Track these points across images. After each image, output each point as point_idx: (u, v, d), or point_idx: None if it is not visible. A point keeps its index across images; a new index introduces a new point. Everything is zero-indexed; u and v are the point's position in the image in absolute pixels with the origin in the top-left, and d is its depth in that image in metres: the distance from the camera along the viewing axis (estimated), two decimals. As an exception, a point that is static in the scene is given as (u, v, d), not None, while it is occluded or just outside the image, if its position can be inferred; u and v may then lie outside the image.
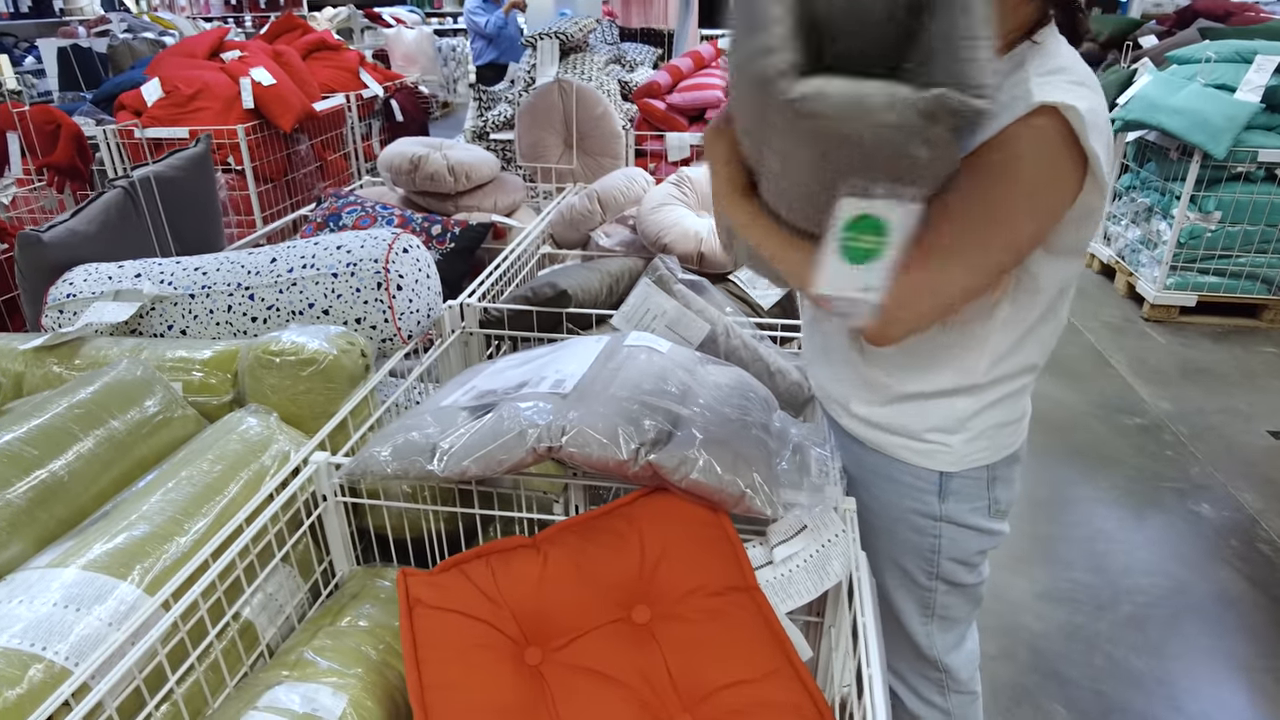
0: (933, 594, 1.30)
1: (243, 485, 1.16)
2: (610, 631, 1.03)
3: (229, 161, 3.42)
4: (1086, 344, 3.84)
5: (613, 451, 1.08)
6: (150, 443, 1.22)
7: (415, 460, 1.12)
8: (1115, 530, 2.56)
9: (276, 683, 1.01)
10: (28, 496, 1.04)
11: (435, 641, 1.00)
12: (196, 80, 3.46)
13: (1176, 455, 2.96)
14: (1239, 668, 2.06)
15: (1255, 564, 2.42)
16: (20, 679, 0.83)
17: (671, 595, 1.04)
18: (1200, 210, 3.84)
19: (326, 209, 2.36)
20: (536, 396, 1.19)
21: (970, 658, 1.40)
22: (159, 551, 1.02)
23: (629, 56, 4.48)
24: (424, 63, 8.40)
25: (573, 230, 2.42)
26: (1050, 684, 2.00)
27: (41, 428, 1.11)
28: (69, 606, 0.91)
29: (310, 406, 1.35)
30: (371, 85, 4.52)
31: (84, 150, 3.08)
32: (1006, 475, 1.23)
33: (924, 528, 1.24)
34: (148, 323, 1.55)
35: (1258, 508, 2.67)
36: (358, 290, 1.53)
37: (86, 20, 8.21)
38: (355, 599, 1.21)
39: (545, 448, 1.09)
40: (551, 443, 1.09)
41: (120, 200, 1.84)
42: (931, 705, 1.41)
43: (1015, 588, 2.32)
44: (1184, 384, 3.47)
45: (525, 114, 2.88)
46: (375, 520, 1.34)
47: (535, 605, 1.04)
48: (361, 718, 0.99)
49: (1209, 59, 3.86)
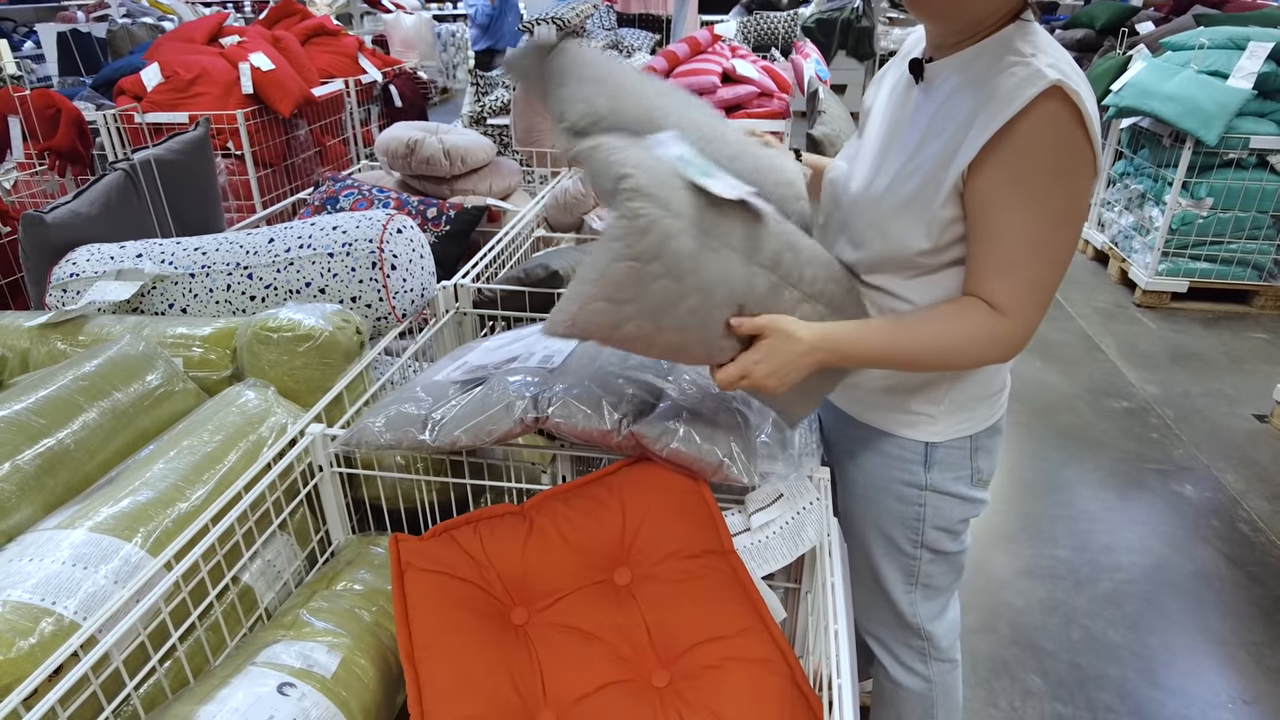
0: (917, 562, 1.34)
1: (241, 455, 1.21)
2: (592, 592, 1.08)
3: (228, 146, 3.45)
4: (1078, 329, 3.88)
5: (596, 422, 1.13)
6: (152, 414, 1.27)
7: (408, 431, 1.17)
8: (1099, 510, 2.61)
9: (274, 641, 1.06)
10: (36, 463, 1.08)
11: (425, 601, 1.05)
12: (195, 65, 3.49)
13: (1161, 438, 3.01)
14: (1214, 641, 2.11)
15: (1234, 543, 2.47)
16: (32, 630, 0.88)
17: (651, 558, 1.09)
18: (1192, 197, 3.87)
19: (324, 192, 2.40)
20: (525, 370, 1.23)
21: (951, 627, 1.45)
22: (161, 515, 1.07)
23: (626, 42, 4.50)
24: (422, 48, 8.39)
25: (566, 214, 2.46)
26: (1029, 656, 2.06)
27: (48, 399, 1.16)
28: (77, 565, 0.96)
29: (306, 381, 1.39)
30: (370, 71, 4.54)
31: (84, 134, 3.11)
32: (988, 445, 1.28)
33: (909, 497, 1.28)
34: (149, 301, 1.60)
35: (1239, 488, 2.72)
36: (353, 270, 1.57)
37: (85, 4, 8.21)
38: (350, 565, 1.26)
39: (532, 418, 1.14)
40: (538, 414, 1.14)
41: (121, 182, 1.88)
42: (913, 672, 1.46)
43: (999, 564, 2.37)
44: (1172, 368, 3.51)
45: (521, 99, 2.91)
46: (370, 491, 1.38)
47: (521, 568, 1.09)
48: (354, 674, 1.04)
49: (1202, 45, 3.88)
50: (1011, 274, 1.04)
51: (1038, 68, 0.96)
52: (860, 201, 1.16)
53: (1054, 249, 1.03)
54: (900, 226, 1.10)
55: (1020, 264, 1.03)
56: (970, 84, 1.03)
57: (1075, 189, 1.01)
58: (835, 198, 1.24)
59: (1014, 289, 1.04)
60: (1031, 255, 1.03)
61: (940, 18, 1.08)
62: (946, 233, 1.07)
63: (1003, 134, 0.98)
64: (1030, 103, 0.96)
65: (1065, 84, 0.95)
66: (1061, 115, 0.97)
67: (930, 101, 1.10)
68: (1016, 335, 1.06)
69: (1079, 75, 1.00)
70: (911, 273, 1.13)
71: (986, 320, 1.05)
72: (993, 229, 1.04)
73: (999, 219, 1.03)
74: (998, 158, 0.99)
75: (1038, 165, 0.99)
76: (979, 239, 1.05)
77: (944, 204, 1.05)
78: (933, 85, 1.10)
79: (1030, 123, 0.97)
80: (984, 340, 1.06)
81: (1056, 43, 1.04)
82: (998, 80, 0.99)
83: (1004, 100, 0.97)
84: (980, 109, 0.99)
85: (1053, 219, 1.02)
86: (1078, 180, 1.00)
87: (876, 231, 1.13)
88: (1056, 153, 0.98)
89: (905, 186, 1.09)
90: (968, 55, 1.06)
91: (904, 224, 1.09)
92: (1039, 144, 0.98)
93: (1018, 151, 0.98)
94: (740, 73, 3.45)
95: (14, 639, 0.87)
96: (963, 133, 1.02)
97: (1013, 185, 1.00)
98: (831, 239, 1.25)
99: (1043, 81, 0.95)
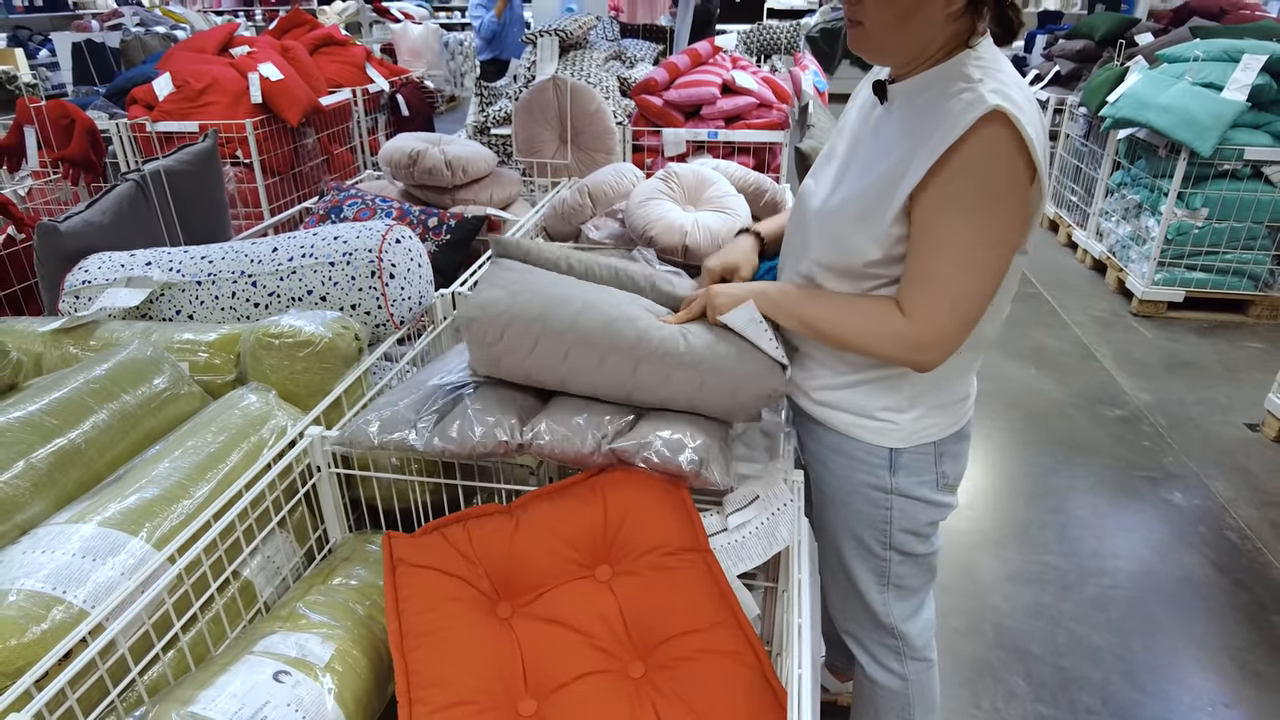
0: (887, 563, 1.39)
1: (243, 455, 1.27)
2: (574, 587, 1.13)
3: (237, 155, 3.53)
4: (1073, 337, 3.92)
5: (575, 445, 1.19)
6: (159, 416, 1.33)
7: (399, 433, 1.22)
8: (1088, 516, 2.65)
9: (271, 632, 1.11)
10: (48, 461, 1.14)
11: (415, 595, 1.11)
12: (206, 75, 3.57)
13: (1153, 445, 3.04)
14: (1197, 646, 2.15)
15: (1221, 549, 2.50)
16: (44, 617, 0.94)
17: (631, 555, 1.14)
18: (1188, 207, 3.91)
19: (328, 202, 2.47)
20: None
21: (926, 626, 1.49)
22: (166, 512, 1.13)
23: (629, 53, 4.56)
24: (429, 57, 8.50)
25: (564, 223, 2.51)
26: (1013, 659, 2.10)
27: (61, 400, 1.22)
28: (86, 557, 1.02)
29: (307, 385, 1.45)
30: (378, 80, 4.62)
31: (97, 143, 3.19)
32: (954, 450, 1.32)
33: (877, 500, 1.33)
34: (157, 308, 1.66)
35: (1228, 496, 2.75)
36: (353, 278, 1.63)
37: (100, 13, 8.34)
38: (346, 561, 1.32)
39: (516, 445, 1.20)
40: (521, 440, 1.20)
41: (132, 192, 1.95)
42: (890, 671, 1.50)
43: (986, 569, 2.41)
44: (1166, 377, 3.55)
45: (521, 110, 2.97)
46: (366, 491, 1.44)
47: (507, 564, 1.15)
48: (347, 664, 1.10)
49: (1197, 58, 3.92)
50: (929, 284, 1.10)
51: (981, 93, 1.02)
52: (820, 214, 1.22)
53: (983, 265, 1.09)
54: (855, 239, 1.15)
55: (940, 276, 1.09)
56: (921, 108, 1.09)
57: (1008, 209, 1.06)
58: (800, 211, 1.30)
59: (926, 297, 1.11)
60: (955, 269, 1.08)
61: (879, 58, 1.16)
62: (896, 247, 1.13)
63: (945, 157, 1.03)
64: (971, 127, 1.01)
65: (1006, 108, 1.01)
66: (1000, 138, 1.02)
67: (889, 121, 1.15)
68: (921, 339, 1.12)
69: (1026, 99, 1.05)
70: (865, 282, 1.19)
71: (891, 320, 1.13)
72: (923, 244, 1.10)
73: (930, 234, 1.09)
74: (939, 179, 1.05)
75: (973, 185, 1.04)
76: (911, 251, 1.12)
77: (894, 222, 1.11)
78: (893, 106, 1.16)
79: (970, 145, 1.02)
80: (886, 337, 1.14)
81: (1009, 65, 1.09)
82: (946, 105, 1.04)
83: (948, 127, 1.03)
84: (928, 134, 1.05)
85: (984, 237, 1.07)
86: (1013, 199, 1.06)
87: (832, 243, 1.19)
88: (992, 174, 1.04)
89: (860, 203, 1.14)
90: (920, 81, 1.12)
91: (858, 237, 1.15)
92: (976, 165, 1.03)
93: (956, 171, 1.04)
94: (740, 84, 3.51)
95: (27, 625, 0.92)
96: (910, 156, 1.07)
97: (948, 203, 1.06)
98: (795, 249, 1.30)
99: (983, 106, 1.01)
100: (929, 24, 1.07)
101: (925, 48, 1.10)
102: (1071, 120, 5.18)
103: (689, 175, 2.36)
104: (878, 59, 1.16)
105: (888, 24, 1.08)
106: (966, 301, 1.10)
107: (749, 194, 2.38)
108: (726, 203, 2.24)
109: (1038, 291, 4.48)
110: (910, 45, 1.10)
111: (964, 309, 1.10)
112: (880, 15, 1.07)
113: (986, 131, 1.01)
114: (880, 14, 1.07)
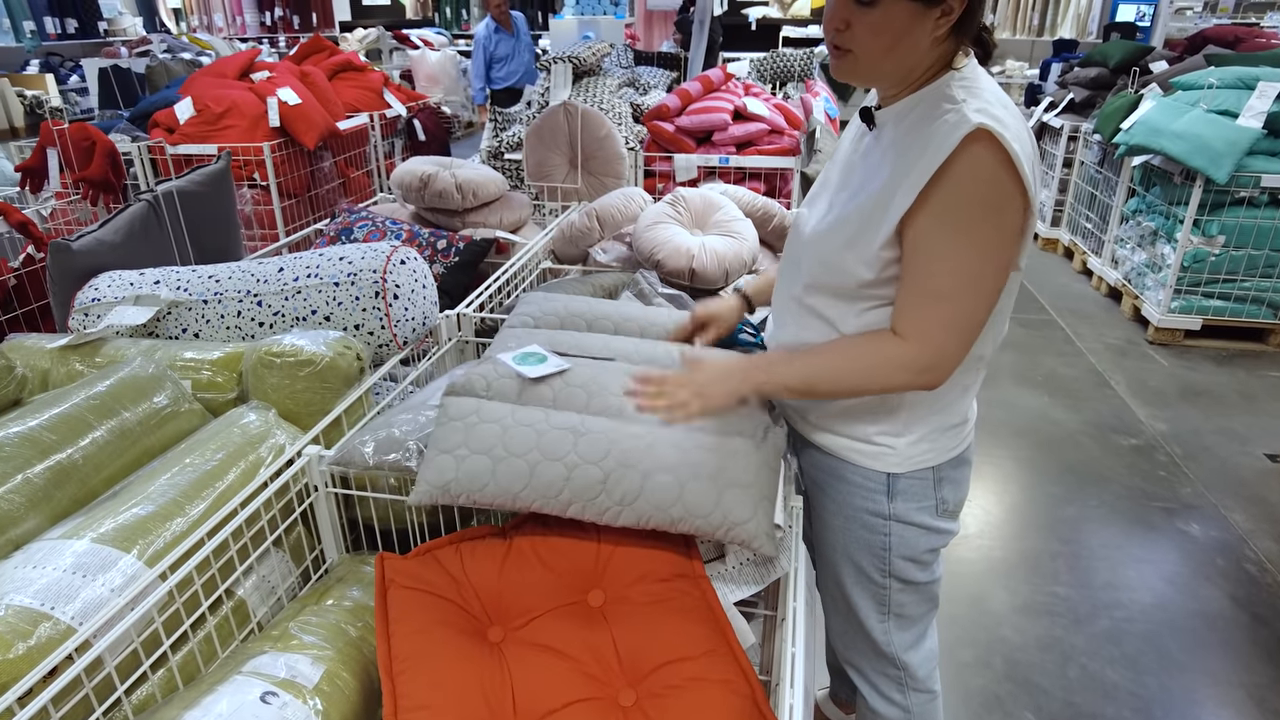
0: (887, 591, 1.37)
1: (240, 473, 1.27)
2: (565, 612, 1.11)
3: (255, 177, 3.59)
4: (1087, 365, 3.87)
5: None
6: (158, 433, 1.34)
7: (394, 455, 1.22)
8: (1100, 547, 2.60)
9: (262, 652, 1.10)
10: (45, 477, 1.15)
11: (405, 617, 1.10)
12: (226, 99, 3.64)
13: (1169, 475, 2.99)
14: (1215, 682, 2.09)
15: (1239, 583, 2.45)
16: (31, 633, 0.94)
17: (623, 580, 1.13)
18: (1204, 234, 3.87)
19: (339, 223, 2.49)
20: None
21: (929, 657, 1.46)
22: (160, 529, 1.13)
23: (643, 79, 4.60)
24: (446, 83, 8.62)
25: (572, 246, 2.53)
26: (1023, 692, 2.05)
27: (60, 416, 1.23)
28: (77, 573, 1.02)
29: (307, 404, 1.46)
30: (395, 105, 4.69)
31: (117, 165, 3.25)
32: (953, 476, 1.30)
33: (875, 526, 1.31)
34: (164, 325, 1.68)
35: (1246, 528, 2.69)
36: (357, 298, 1.64)
37: (129, 41, 8.55)
38: (341, 582, 1.31)
39: None
40: None
41: (144, 212, 1.98)
42: (891, 702, 1.47)
43: (996, 599, 2.37)
44: (1182, 405, 3.49)
45: (533, 135, 3.00)
46: (364, 512, 1.44)
47: (498, 587, 1.14)
48: (336, 686, 1.09)
49: (1211, 85, 3.90)
50: (925, 304, 1.09)
51: (965, 113, 1.02)
52: (812, 239, 1.22)
53: (978, 282, 1.08)
54: (846, 262, 1.15)
55: (941, 296, 1.08)
56: (907, 131, 1.10)
57: (1001, 224, 1.05)
58: (794, 237, 1.30)
59: (922, 318, 1.10)
60: (950, 287, 1.08)
61: (862, 82, 1.16)
62: (888, 269, 1.12)
63: (934, 179, 1.03)
64: (956, 147, 1.01)
65: (991, 126, 1.01)
66: (986, 156, 1.02)
67: (877, 146, 1.16)
68: (926, 361, 1.10)
69: (1011, 115, 1.05)
70: (860, 303, 1.18)
71: (890, 348, 1.12)
72: (917, 264, 1.09)
73: (923, 255, 1.08)
74: (928, 200, 1.05)
75: (963, 202, 1.04)
76: (906, 274, 1.11)
77: (884, 245, 1.10)
78: (882, 130, 1.17)
79: (957, 165, 1.02)
80: (890, 367, 1.12)
81: (994, 85, 1.10)
82: (931, 128, 1.05)
83: (935, 149, 1.03)
84: (915, 157, 1.05)
85: (977, 254, 1.06)
86: (1004, 215, 1.05)
87: (824, 267, 1.19)
88: (981, 190, 1.03)
89: (849, 226, 1.14)
90: (905, 105, 1.13)
91: (849, 260, 1.15)
92: (964, 184, 1.03)
93: (945, 190, 1.04)
94: (751, 110, 3.53)
95: (13, 641, 0.92)
96: (898, 179, 1.07)
97: (939, 223, 1.05)
98: (789, 274, 1.30)
99: (967, 126, 1.01)
100: (917, 48, 1.08)
101: (912, 71, 1.11)
102: (1086, 147, 5.16)
103: (696, 199, 2.36)
104: (867, 84, 1.17)
105: (879, 51, 1.08)
106: (964, 319, 1.09)
107: (757, 218, 2.39)
108: (734, 227, 2.24)
109: (1051, 318, 4.44)
110: (898, 69, 1.11)
111: (962, 326, 1.09)
112: (872, 42, 1.08)
113: (972, 150, 1.01)
114: (873, 41, 1.08)
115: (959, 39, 1.09)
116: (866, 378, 1.15)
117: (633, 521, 1.13)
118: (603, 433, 1.16)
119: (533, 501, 1.14)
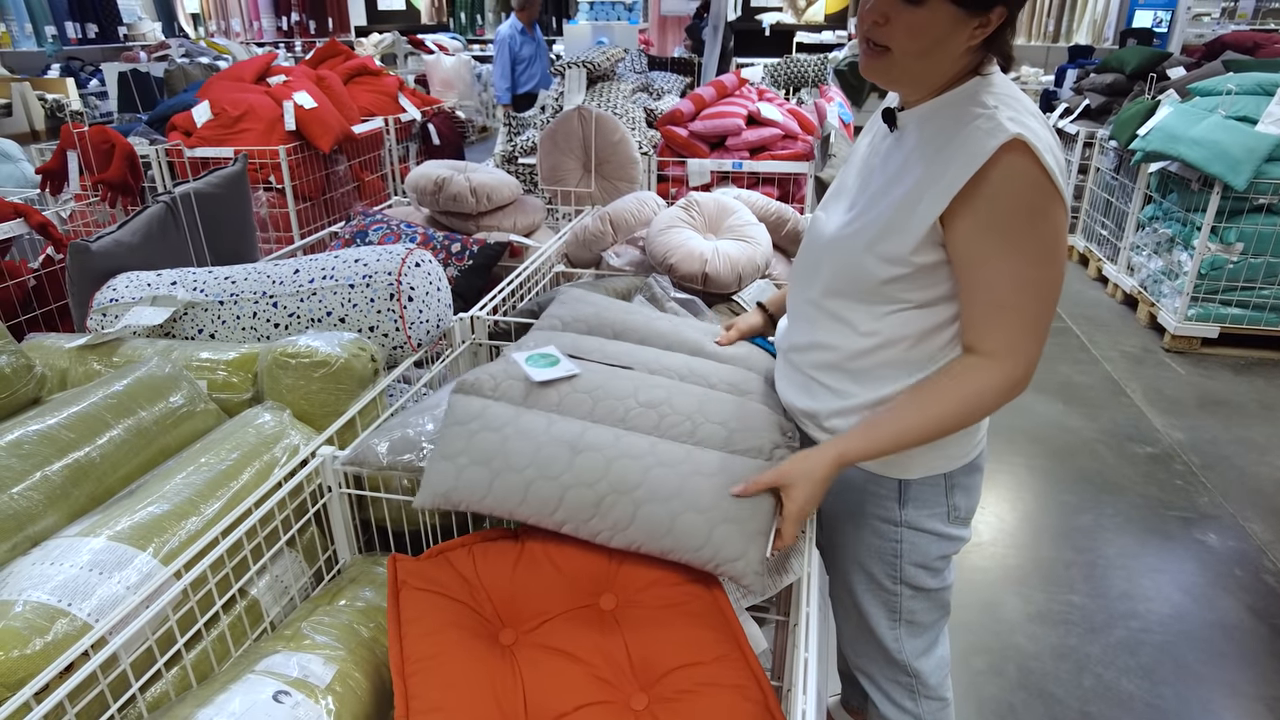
0: (898, 598, 1.36)
1: (254, 473, 1.28)
2: (578, 616, 1.11)
3: (270, 180, 3.61)
4: (1103, 373, 3.84)
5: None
6: (174, 433, 1.34)
7: (407, 455, 1.23)
8: (1116, 556, 2.58)
9: (274, 651, 1.11)
10: (63, 474, 1.16)
11: (417, 619, 1.10)
12: (242, 103, 3.67)
13: (1186, 484, 2.96)
14: (1233, 694, 2.06)
15: (1258, 594, 2.42)
16: (48, 629, 0.95)
17: (636, 585, 1.12)
18: (1222, 241, 3.84)
19: (354, 226, 2.51)
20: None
21: (940, 664, 1.45)
22: (175, 528, 1.14)
23: (657, 85, 4.61)
24: (461, 88, 8.66)
25: (586, 250, 2.53)
26: (1036, 702, 2.03)
27: (78, 415, 1.24)
28: (94, 570, 1.03)
29: (321, 405, 1.46)
30: (410, 109, 4.72)
31: (136, 168, 3.28)
32: (965, 483, 1.29)
33: (886, 533, 1.30)
34: (181, 326, 1.69)
35: (1266, 539, 2.66)
36: (372, 300, 1.65)
37: (148, 45, 8.64)
38: (353, 583, 1.31)
39: None
40: None
41: (162, 214, 2.00)
42: (903, 710, 1.46)
43: (1010, 607, 2.35)
44: (1200, 415, 3.46)
45: (547, 139, 3.01)
46: (377, 513, 1.44)
47: (510, 590, 1.14)
48: (348, 686, 1.09)
49: (1230, 91, 3.87)
50: (1003, 317, 1.09)
51: (1000, 121, 1.01)
52: (833, 243, 1.21)
53: (1041, 285, 1.07)
54: (867, 265, 1.14)
55: (1010, 306, 1.08)
56: (934, 134, 1.09)
57: (1051, 225, 1.05)
58: (811, 241, 1.30)
59: (1007, 332, 1.09)
60: (1020, 295, 1.07)
61: (896, 85, 1.16)
62: (916, 275, 1.12)
63: (971, 186, 1.03)
64: (993, 155, 1.01)
65: (1026, 137, 1.00)
66: (1022, 164, 1.02)
67: (900, 149, 1.15)
68: (1019, 374, 1.11)
69: (1043, 126, 1.05)
70: (881, 306, 1.17)
71: (985, 374, 1.11)
72: (978, 278, 1.09)
73: (982, 267, 1.08)
74: (970, 208, 1.04)
75: (1010, 209, 1.03)
76: (967, 290, 1.10)
77: (917, 250, 1.09)
78: (904, 133, 1.16)
79: (996, 173, 1.02)
80: (992, 393, 1.12)
81: (1020, 94, 1.09)
82: (963, 132, 1.04)
83: (970, 154, 1.02)
84: (946, 161, 1.04)
85: (1037, 256, 1.06)
86: (1052, 216, 1.05)
87: (844, 270, 1.18)
88: (1026, 195, 1.03)
89: (872, 229, 1.13)
90: (931, 107, 1.12)
91: (871, 263, 1.14)
92: (1007, 190, 1.02)
93: (988, 199, 1.03)
94: (765, 115, 3.53)
95: (31, 636, 0.93)
96: (927, 182, 1.07)
97: (989, 232, 1.05)
98: (804, 279, 1.30)
99: (1004, 134, 1.00)
100: (949, 55, 1.07)
101: (940, 77, 1.11)
102: (1102, 154, 5.13)
103: (710, 203, 2.36)
104: (894, 86, 1.16)
105: (915, 52, 1.07)
106: (1036, 322, 1.09)
107: (770, 223, 2.38)
108: (747, 231, 2.24)
109: (1067, 326, 4.41)
110: (928, 74, 1.10)
111: (1039, 331, 1.09)
112: (909, 43, 1.07)
113: (1009, 160, 1.01)
114: (909, 42, 1.07)
115: (986, 51, 1.08)
116: (964, 414, 1.14)
117: (625, 545, 1.12)
118: (600, 450, 1.15)
119: (529, 516, 1.14)
